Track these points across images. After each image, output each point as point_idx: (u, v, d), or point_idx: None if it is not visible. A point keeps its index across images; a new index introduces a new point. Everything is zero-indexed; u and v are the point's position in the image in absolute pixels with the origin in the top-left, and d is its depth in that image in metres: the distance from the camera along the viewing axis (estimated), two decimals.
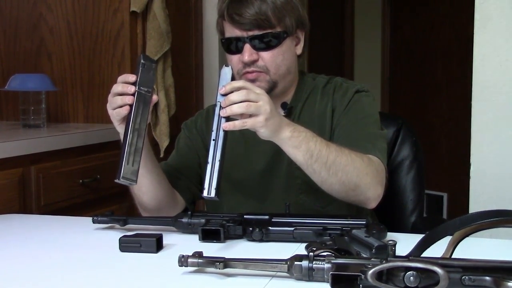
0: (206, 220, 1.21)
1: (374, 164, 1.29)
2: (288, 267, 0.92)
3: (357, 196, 1.27)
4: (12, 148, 1.89)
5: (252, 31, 1.35)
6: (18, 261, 1.09)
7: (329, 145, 1.23)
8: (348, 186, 1.24)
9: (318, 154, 1.21)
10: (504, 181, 1.81)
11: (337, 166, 1.22)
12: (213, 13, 2.99)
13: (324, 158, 1.21)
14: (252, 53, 1.35)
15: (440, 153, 4.26)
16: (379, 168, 1.30)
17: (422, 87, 4.51)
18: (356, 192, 1.26)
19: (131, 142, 1.16)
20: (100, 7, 2.46)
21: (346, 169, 1.23)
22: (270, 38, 1.36)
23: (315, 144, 1.21)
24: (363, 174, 1.25)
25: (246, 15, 1.33)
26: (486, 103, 1.83)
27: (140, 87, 1.20)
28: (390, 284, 0.83)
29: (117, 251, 1.10)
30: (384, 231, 1.14)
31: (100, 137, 2.27)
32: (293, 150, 1.21)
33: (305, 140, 1.20)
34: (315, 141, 1.21)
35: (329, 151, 1.22)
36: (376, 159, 1.31)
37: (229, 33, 1.38)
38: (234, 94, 1.14)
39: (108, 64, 2.47)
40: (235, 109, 1.14)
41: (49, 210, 1.97)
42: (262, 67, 1.37)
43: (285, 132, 1.19)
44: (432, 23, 4.40)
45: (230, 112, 1.14)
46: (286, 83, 1.43)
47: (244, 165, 1.45)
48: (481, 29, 1.82)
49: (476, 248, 1.04)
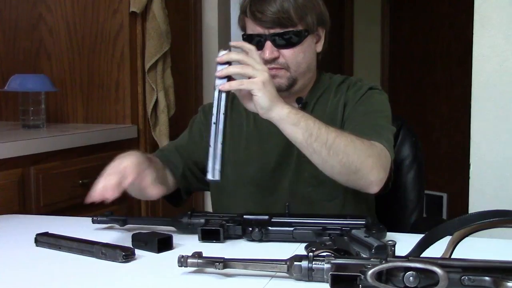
0: (205, 220, 1.21)
1: (376, 148, 1.27)
2: (287, 267, 0.92)
3: (359, 180, 1.25)
4: (12, 148, 1.89)
5: (273, 29, 1.35)
6: (17, 262, 1.09)
7: (328, 126, 1.22)
8: (349, 168, 1.22)
9: (317, 133, 1.19)
10: (504, 181, 1.81)
11: (338, 146, 1.20)
12: (212, 14, 3.01)
13: (324, 137, 1.19)
14: (273, 51, 1.35)
15: (439, 153, 4.26)
16: (381, 153, 1.28)
17: (422, 87, 4.51)
18: (357, 175, 1.23)
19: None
20: (100, 7, 2.46)
21: (347, 150, 1.20)
22: (291, 36, 1.36)
23: (314, 123, 1.20)
24: (365, 156, 1.22)
25: (268, 12, 1.33)
26: (486, 103, 1.82)
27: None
28: (390, 284, 0.83)
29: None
30: (384, 231, 1.14)
31: (99, 138, 2.28)
32: (292, 127, 1.19)
33: (303, 118, 1.19)
34: (313, 120, 1.20)
35: (328, 130, 1.20)
36: (380, 145, 1.29)
37: (251, 30, 1.39)
38: (232, 66, 1.18)
39: (107, 65, 2.47)
40: (231, 69, 1.17)
41: (48, 210, 1.97)
42: (283, 64, 1.37)
43: (282, 109, 1.18)
44: (431, 23, 4.40)
45: (226, 72, 1.17)
46: (306, 80, 1.44)
47: (258, 160, 1.45)
48: (481, 29, 1.82)
49: (475, 248, 1.04)
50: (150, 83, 2.50)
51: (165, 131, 2.54)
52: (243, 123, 1.49)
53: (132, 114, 2.49)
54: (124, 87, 2.47)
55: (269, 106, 1.18)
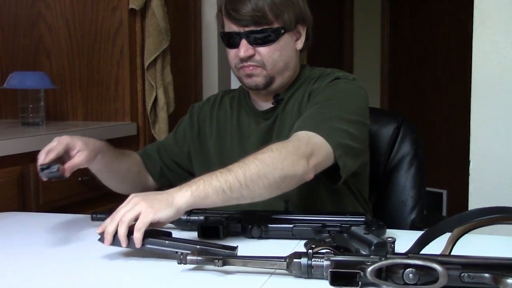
0: (205, 218, 1.21)
1: (291, 142, 1.21)
2: (287, 265, 0.92)
3: (290, 183, 1.18)
4: (11, 146, 1.89)
5: (248, 27, 1.35)
6: (17, 259, 1.09)
7: (230, 169, 1.13)
8: (275, 184, 1.15)
9: (228, 186, 1.11)
10: (504, 178, 1.81)
11: (252, 178, 1.12)
12: (212, 10, 3.01)
13: (236, 184, 1.11)
14: (248, 49, 1.36)
15: (439, 150, 4.26)
16: (301, 143, 1.21)
17: (422, 85, 4.51)
18: (286, 181, 1.17)
19: None
20: (99, 4, 2.45)
21: (262, 173, 1.13)
22: (269, 34, 1.36)
23: (219, 181, 1.10)
24: (280, 163, 1.15)
25: (242, 11, 1.33)
26: (486, 100, 1.82)
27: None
28: (389, 281, 0.83)
29: (115, 248, 1.09)
30: (383, 228, 1.14)
31: (98, 135, 2.26)
32: (207, 202, 1.10)
33: (206, 188, 1.09)
34: (215, 178, 1.11)
35: (235, 174, 1.12)
36: (303, 134, 1.23)
37: (227, 28, 1.39)
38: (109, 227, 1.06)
39: (107, 62, 2.47)
40: (121, 231, 1.04)
41: (48, 208, 1.97)
42: (259, 61, 1.37)
43: (184, 197, 1.08)
44: (431, 20, 4.40)
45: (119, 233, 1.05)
46: (284, 78, 1.42)
47: (239, 158, 1.44)
48: (481, 26, 1.81)
49: (475, 245, 1.03)
50: (149, 80, 2.50)
51: (165, 128, 2.54)
52: (228, 121, 1.50)
53: (132, 112, 2.48)
54: (123, 84, 2.46)
55: (173, 210, 1.07)
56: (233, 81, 3.12)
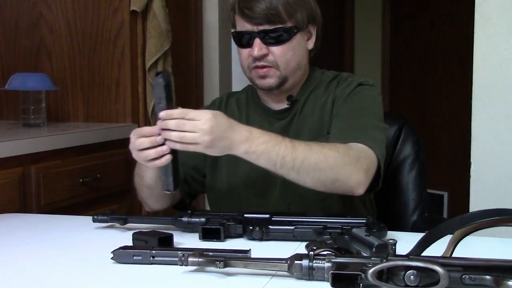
0: (206, 219, 1.21)
1: (353, 151, 1.26)
2: (288, 266, 0.92)
3: (338, 188, 1.25)
4: (12, 147, 1.89)
5: (262, 26, 1.35)
6: (18, 261, 1.09)
7: (296, 148, 1.21)
8: (324, 182, 1.23)
9: (281, 162, 1.19)
10: (505, 180, 1.81)
11: (307, 167, 1.20)
12: (213, 12, 3.01)
13: (289, 164, 1.20)
14: (262, 48, 1.35)
15: (440, 152, 4.26)
16: (361, 155, 1.27)
17: (423, 86, 4.51)
18: (335, 185, 1.24)
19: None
20: (100, 6, 2.46)
21: (318, 166, 1.21)
22: (280, 33, 1.36)
23: (277, 153, 1.19)
24: (339, 166, 1.22)
25: (256, 9, 1.33)
26: (487, 102, 1.82)
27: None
28: (390, 283, 0.83)
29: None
30: (385, 230, 1.14)
31: (100, 136, 2.27)
32: (253, 162, 1.21)
33: (264, 153, 1.19)
34: (277, 149, 1.19)
35: (295, 155, 1.20)
36: (361, 146, 1.28)
37: (240, 27, 1.38)
38: (171, 122, 1.15)
39: (108, 63, 2.47)
40: (171, 136, 1.15)
41: (49, 209, 1.97)
42: (272, 62, 1.37)
43: (239, 150, 1.19)
44: (432, 22, 4.40)
45: (168, 136, 1.15)
46: (296, 78, 1.43)
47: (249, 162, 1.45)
48: (481, 28, 1.81)
49: (476, 247, 1.04)
50: (150, 82, 2.50)
51: None
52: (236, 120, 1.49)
53: (133, 113, 2.48)
54: (124, 86, 2.47)
55: (224, 153, 1.19)
56: (234, 82, 3.13)
